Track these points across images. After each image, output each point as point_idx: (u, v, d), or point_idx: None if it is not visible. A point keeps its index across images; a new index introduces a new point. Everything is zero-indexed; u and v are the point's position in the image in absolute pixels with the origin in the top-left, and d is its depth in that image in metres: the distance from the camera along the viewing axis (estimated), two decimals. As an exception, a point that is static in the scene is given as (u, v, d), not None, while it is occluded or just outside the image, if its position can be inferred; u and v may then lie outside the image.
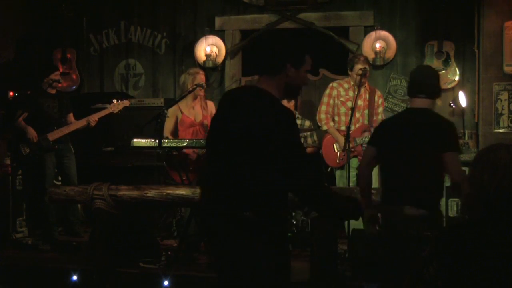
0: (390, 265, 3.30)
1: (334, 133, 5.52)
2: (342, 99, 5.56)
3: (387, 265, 3.35)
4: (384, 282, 3.50)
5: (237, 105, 2.62)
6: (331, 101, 5.60)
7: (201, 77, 5.47)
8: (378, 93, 5.64)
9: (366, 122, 5.49)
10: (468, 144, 5.91)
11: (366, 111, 5.50)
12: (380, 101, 5.60)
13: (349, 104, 5.38)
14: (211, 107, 5.59)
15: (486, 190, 1.80)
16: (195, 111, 5.50)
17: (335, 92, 5.57)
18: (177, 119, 5.48)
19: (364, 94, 5.51)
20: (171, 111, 5.42)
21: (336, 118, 5.60)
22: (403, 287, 2.06)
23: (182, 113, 5.47)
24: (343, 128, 5.42)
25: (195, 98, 5.49)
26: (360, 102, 5.45)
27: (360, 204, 2.75)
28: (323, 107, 5.62)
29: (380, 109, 5.59)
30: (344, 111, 5.55)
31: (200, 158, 5.30)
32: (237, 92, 2.86)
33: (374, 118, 5.50)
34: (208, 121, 5.46)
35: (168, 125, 5.43)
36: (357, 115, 5.47)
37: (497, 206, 1.78)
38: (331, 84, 5.71)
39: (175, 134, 5.46)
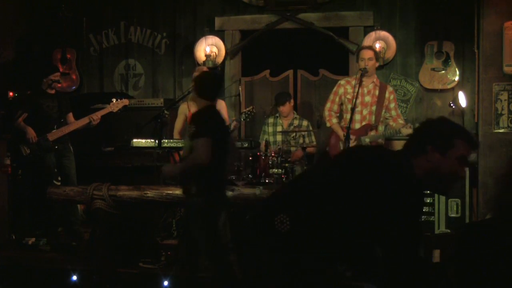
0: None
1: (337, 130, 5.39)
2: (349, 96, 5.39)
3: None
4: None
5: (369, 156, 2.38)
6: (337, 99, 5.49)
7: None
8: (389, 89, 5.44)
9: (373, 119, 5.35)
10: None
11: (374, 108, 5.36)
12: (391, 97, 5.38)
13: (358, 101, 5.25)
14: (221, 106, 5.52)
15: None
16: None
17: (341, 90, 5.46)
18: (186, 117, 5.45)
19: (374, 90, 5.36)
20: (181, 110, 5.41)
21: (344, 116, 5.46)
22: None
23: (189, 111, 5.46)
24: None
25: None
26: (368, 99, 5.33)
27: None
28: (327, 104, 5.55)
29: (392, 105, 5.38)
30: (351, 108, 5.41)
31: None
32: (381, 151, 2.57)
33: (387, 114, 5.37)
34: None
35: (177, 125, 5.40)
36: (364, 112, 5.34)
37: None
38: (339, 82, 5.59)
39: (184, 133, 5.42)
